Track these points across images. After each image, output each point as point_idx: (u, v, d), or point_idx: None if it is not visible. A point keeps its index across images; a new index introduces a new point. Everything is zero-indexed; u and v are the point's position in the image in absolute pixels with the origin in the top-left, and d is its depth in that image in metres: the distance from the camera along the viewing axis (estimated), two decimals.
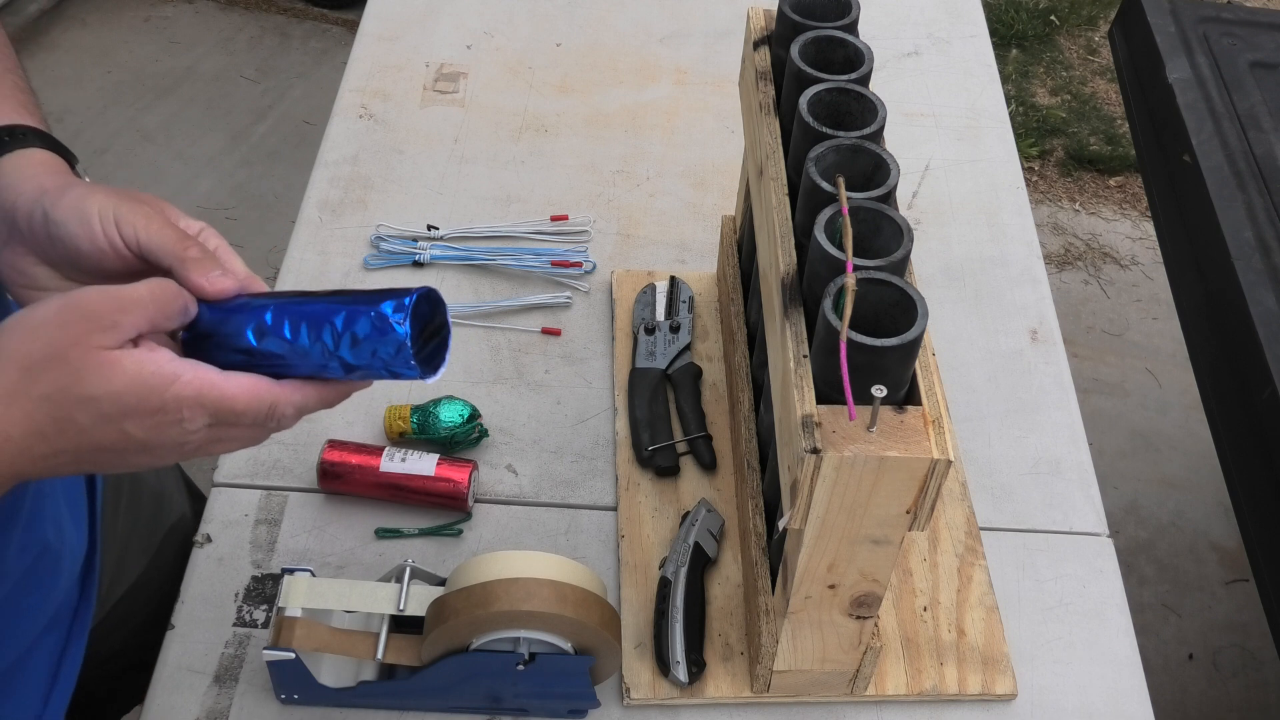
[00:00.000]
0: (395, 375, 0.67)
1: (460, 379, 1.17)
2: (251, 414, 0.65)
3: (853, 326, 0.70)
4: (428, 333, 0.68)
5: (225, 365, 0.65)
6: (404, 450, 1.05)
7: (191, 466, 0.68)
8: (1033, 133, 3.07)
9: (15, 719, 0.85)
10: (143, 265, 0.68)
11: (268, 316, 0.66)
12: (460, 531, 1.05)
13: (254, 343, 0.66)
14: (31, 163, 0.71)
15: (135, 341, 0.63)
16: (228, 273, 0.68)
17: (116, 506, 1.03)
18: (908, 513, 0.76)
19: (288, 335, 0.66)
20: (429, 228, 1.29)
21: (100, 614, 0.99)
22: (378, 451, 1.05)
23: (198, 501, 1.21)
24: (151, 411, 0.62)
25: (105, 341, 0.61)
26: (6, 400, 0.59)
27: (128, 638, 1.09)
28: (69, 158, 0.75)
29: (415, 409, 1.10)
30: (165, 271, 0.67)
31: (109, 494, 0.99)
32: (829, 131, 0.82)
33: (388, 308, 0.65)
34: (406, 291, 0.66)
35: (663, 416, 1.13)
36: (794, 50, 0.88)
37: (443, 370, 0.68)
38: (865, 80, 0.87)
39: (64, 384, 0.60)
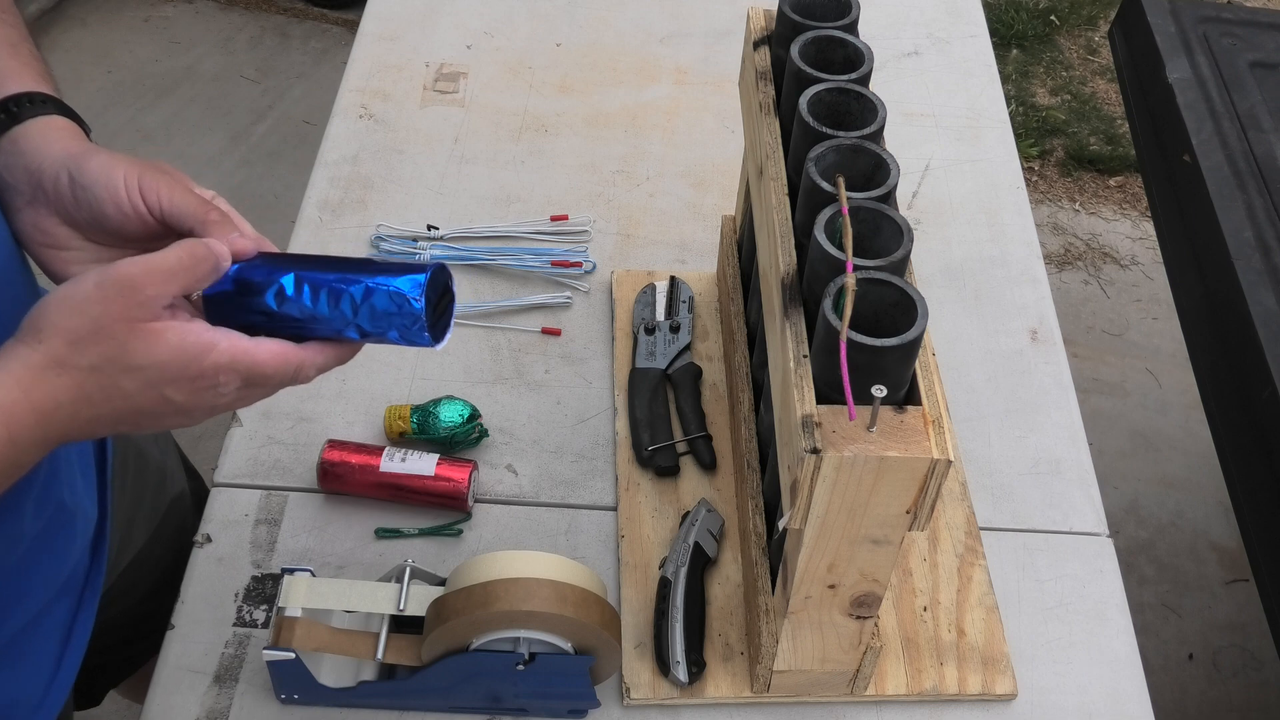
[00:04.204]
0: (408, 343, 0.72)
1: (460, 379, 1.17)
2: (279, 376, 0.70)
3: (853, 326, 0.70)
4: (438, 305, 0.73)
5: (245, 325, 0.70)
6: (404, 450, 1.05)
7: (202, 426, 0.72)
8: (1033, 133, 3.07)
9: (29, 682, 0.88)
10: (163, 229, 0.72)
11: (289, 283, 0.71)
12: (460, 531, 1.05)
13: (274, 307, 0.71)
14: (55, 127, 0.74)
15: (170, 308, 0.67)
16: (245, 235, 0.72)
17: (124, 477, 1.05)
18: (908, 513, 0.76)
19: (308, 303, 0.71)
20: (429, 228, 1.29)
21: (108, 583, 1.00)
22: (378, 451, 1.05)
23: (195, 480, 1.22)
24: (192, 378, 0.66)
25: (145, 315, 0.65)
26: (57, 369, 0.63)
27: (130, 608, 1.10)
28: (84, 126, 0.78)
29: (415, 409, 1.10)
30: (187, 234, 0.71)
31: (117, 465, 1.01)
32: (829, 131, 0.82)
33: (405, 284, 0.70)
34: (420, 268, 0.71)
35: (663, 416, 1.13)
36: (794, 50, 0.88)
37: (449, 337, 0.74)
38: (865, 80, 0.87)
39: (111, 355, 0.64)
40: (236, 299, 0.71)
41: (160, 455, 1.15)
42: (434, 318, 0.72)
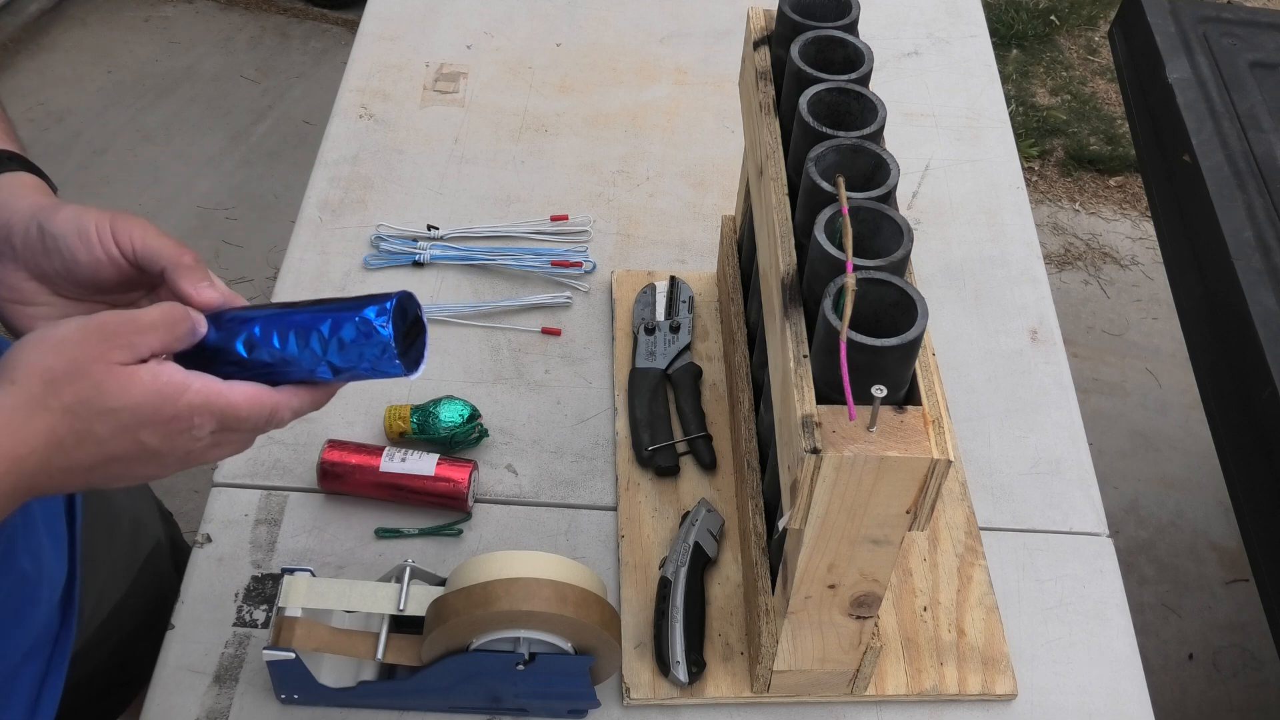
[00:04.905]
0: (381, 374, 0.71)
1: (460, 379, 1.17)
2: (254, 419, 0.69)
3: (853, 326, 0.70)
4: (409, 334, 0.72)
5: (218, 375, 0.69)
6: (404, 450, 1.05)
7: (180, 475, 0.71)
8: (1033, 133, 3.07)
9: None
10: (137, 274, 0.72)
11: (256, 330, 0.70)
12: (460, 531, 1.05)
13: (244, 354, 0.70)
14: (22, 183, 0.75)
15: (145, 359, 0.66)
16: (214, 285, 0.72)
17: (95, 533, 1.03)
18: (908, 513, 0.76)
19: (276, 345, 0.70)
20: (429, 228, 1.29)
21: (81, 640, 0.99)
22: (378, 451, 1.05)
23: (171, 526, 1.22)
24: (166, 420, 0.65)
25: (123, 358, 0.64)
26: (30, 411, 0.62)
27: (105, 658, 1.09)
28: (50, 183, 0.78)
29: (415, 409, 1.10)
30: (158, 278, 0.71)
31: (88, 520, 1.00)
32: (829, 131, 0.82)
33: (370, 313, 0.69)
34: (386, 296, 0.70)
35: (663, 416, 1.13)
36: (794, 50, 0.88)
37: (423, 367, 0.72)
38: (865, 80, 0.87)
39: (85, 396, 0.63)
40: (207, 350, 0.70)
41: (132, 506, 1.14)
42: (405, 345, 0.71)
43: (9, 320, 0.74)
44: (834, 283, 0.73)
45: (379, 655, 0.88)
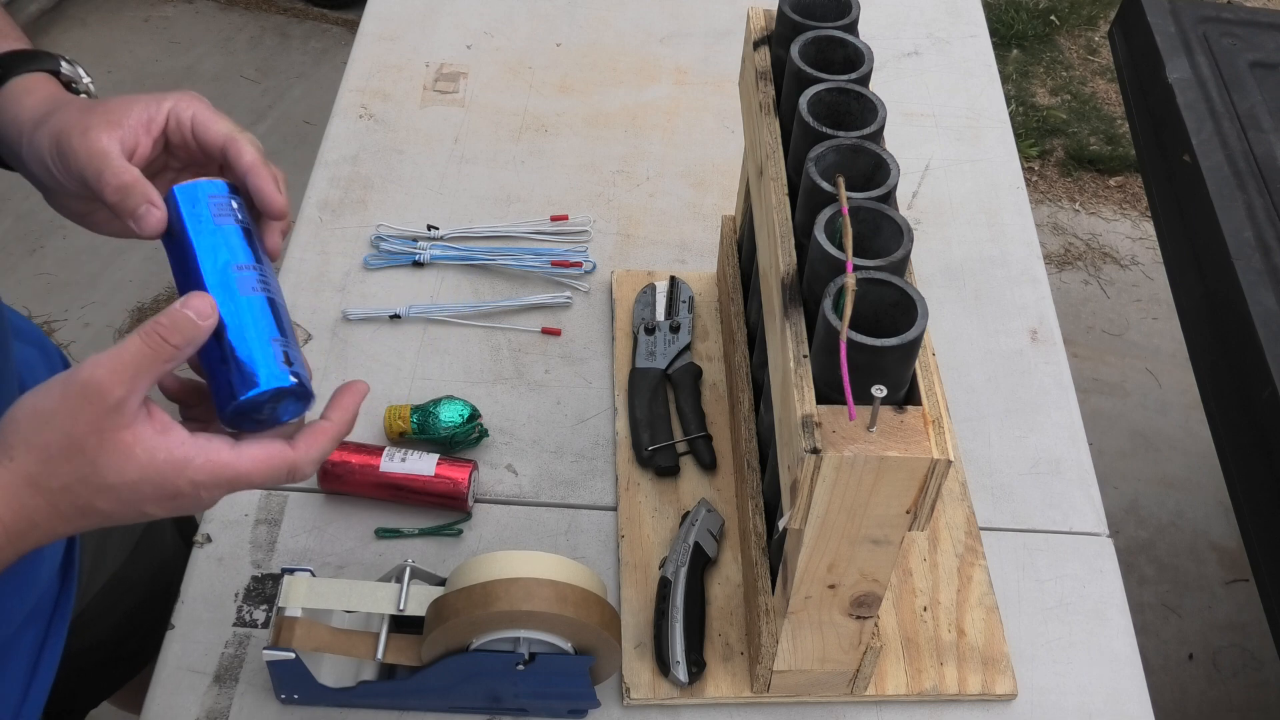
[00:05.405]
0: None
1: (460, 379, 1.17)
2: (271, 480, 0.66)
3: (853, 326, 0.70)
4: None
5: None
6: (404, 450, 1.05)
7: None
8: (1033, 133, 3.07)
9: None
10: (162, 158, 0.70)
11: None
12: (460, 531, 1.05)
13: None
14: (24, 90, 0.72)
15: (145, 407, 0.63)
16: (153, 204, 0.68)
17: None
18: (908, 513, 0.76)
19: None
20: (429, 228, 1.29)
21: (79, 607, 0.99)
22: (378, 451, 1.05)
23: None
24: (170, 496, 0.63)
25: (117, 423, 0.61)
26: (30, 490, 0.61)
27: (106, 632, 1.10)
28: (54, 69, 0.75)
29: (415, 409, 1.10)
30: (219, 157, 0.69)
31: None
32: (829, 131, 0.82)
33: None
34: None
35: (663, 416, 1.13)
36: (794, 50, 0.88)
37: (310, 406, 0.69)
38: (865, 80, 0.87)
39: (83, 474, 0.61)
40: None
41: None
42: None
43: (96, 231, 0.73)
44: (834, 283, 0.73)
45: (379, 655, 0.88)
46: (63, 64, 0.76)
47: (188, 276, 0.68)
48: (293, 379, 0.67)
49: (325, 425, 0.69)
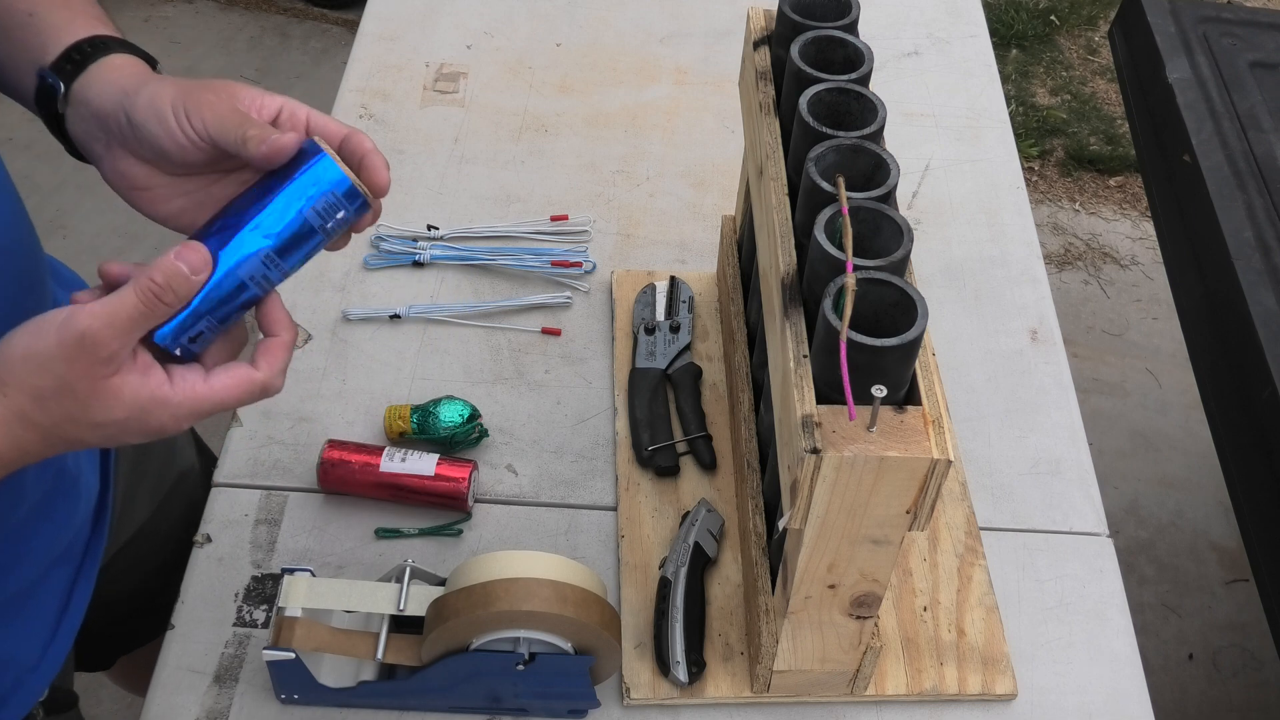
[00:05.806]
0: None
1: (460, 379, 1.17)
2: (247, 401, 0.71)
3: (853, 326, 0.70)
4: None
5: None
6: (404, 450, 1.05)
7: (208, 420, 0.74)
8: (1033, 133, 3.07)
9: (26, 643, 0.89)
10: (220, 153, 0.72)
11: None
12: (460, 531, 1.05)
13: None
14: (111, 68, 0.74)
15: (134, 352, 0.68)
16: (283, 131, 0.71)
17: (128, 449, 1.05)
18: (908, 513, 0.76)
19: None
20: (429, 228, 1.29)
21: (110, 554, 1.02)
22: (378, 451, 1.05)
23: (206, 458, 1.22)
24: (153, 430, 0.69)
25: (107, 371, 0.66)
26: (21, 423, 0.66)
27: (135, 583, 1.11)
28: (149, 59, 0.78)
29: (415, 409, 1.10)
30: (235, 155, 0.71)
31: None
32: (829, 131, 0.82)
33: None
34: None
35: (663, 416, 1.13)
36: (794, 50, 0.88)
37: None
38: (865, 80, 0.87)
39: (72, 414, 0.66)
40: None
41: None
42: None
43: (138, 207, 0.75)
44: (834, 283, 0.73)
45: (379, 655, 0.88)
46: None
47: (237, 212, 0.71)
48: (177, 350, 0.71)
49: (275, 341, 0.73)
